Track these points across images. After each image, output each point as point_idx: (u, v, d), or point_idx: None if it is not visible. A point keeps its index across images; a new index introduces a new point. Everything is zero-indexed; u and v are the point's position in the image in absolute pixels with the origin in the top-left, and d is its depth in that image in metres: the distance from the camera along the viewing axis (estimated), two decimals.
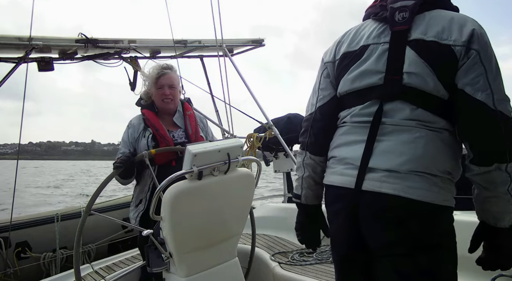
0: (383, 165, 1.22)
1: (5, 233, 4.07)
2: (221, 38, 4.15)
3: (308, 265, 2.53)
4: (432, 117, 1.20)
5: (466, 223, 1.97)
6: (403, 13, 1.25)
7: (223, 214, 1.97)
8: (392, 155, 1.21)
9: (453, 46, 1.16)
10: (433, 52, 1.19)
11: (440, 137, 1.20)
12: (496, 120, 1.14)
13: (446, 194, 1.21)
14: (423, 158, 1.19)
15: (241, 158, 1.94)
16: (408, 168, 1.19)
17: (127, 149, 2.33)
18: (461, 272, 1.96)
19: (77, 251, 1.96)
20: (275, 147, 4.55)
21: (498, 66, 1.18)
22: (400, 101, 1.23)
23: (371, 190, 1.22)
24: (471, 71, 1.15)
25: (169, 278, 1.91)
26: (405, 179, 1.19)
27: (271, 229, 3.28)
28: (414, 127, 1.21)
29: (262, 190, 13.89)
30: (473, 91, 1.15)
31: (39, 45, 3.70)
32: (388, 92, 1.24)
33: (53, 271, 4.25)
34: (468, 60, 1.16)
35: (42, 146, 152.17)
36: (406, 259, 1.20)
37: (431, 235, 1.21)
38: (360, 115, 1.30)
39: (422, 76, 1.19)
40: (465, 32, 1.17)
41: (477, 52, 1.15)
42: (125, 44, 4.22)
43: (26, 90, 3.84)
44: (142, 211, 2.30)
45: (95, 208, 3.68)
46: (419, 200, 1.17)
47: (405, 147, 1.20)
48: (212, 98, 4.88)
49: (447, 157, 1.21)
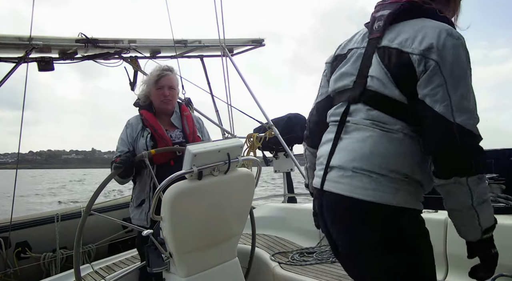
0: (336, 162, 1.27)
1: (5, 233, 4.07)
2: (223, 38, 4.15)
3: (308, 265, 2.53)
4: (387, 118, 1.22)
5: None
6: (380, 21, 1.30)
7: (223, 214, 1.97)
8: (345, 152, 1.26)
9: (411, 54, 1.18)
10: (393, 58, 1.21)
11: (393, 138, 1.20)
12: (453, 133, 1.11)
13: (399, 195, 1.18)
14: (371, 157, 1.21)
15: (241, 158, 1.94)
16: (354, 166, 1.22)
17: (126, 147, 2.34)
18: (463, 272, 1.96)
19: (77, 251, 1.96)
20: (275, 147, 4.54)
21: (465, 77, 1.15)
22: (362, 103, 1.27)
23: (328, 190, 1.27)
24: (430, 82, 1.14)
25: (169, 278, 1.91)
26: (352, 178, 1.21)
27: (271, 229, 3.28)
28: (368, 126, 1.24)
29: (262, 190, 13.89)
30: (432, 103, 1.14)
31: (39, 45, 3.70)
32: (354, 94, 1.30)
33: (53, 271, 4.25)
34: (428, 71, 1.15)
35: (43, 155, 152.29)
36: (353, 259, 1.28)
37: (372, 236, 1.20)
38: (334, 115, 1.37)
39: (382, 80, 1.23)
40: (426, 41, 1.17)
41: (436, 63, 1.14)
42: (125, 44, 4.22)
43: (25, 99, 3.84)
44: (149, 211, 2.29)
45: (95, 208, 3.67)
46: (362, 199, 1.18)
47: (355, 145, 1.24)
48: (212, 98, 4.88)
49: (403, 159, 1.20)
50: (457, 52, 1.15)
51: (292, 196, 4.67)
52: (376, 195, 1.17)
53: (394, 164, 1.19)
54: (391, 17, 1.27)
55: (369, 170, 1.19)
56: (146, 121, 2.40)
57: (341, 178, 1.23)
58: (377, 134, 1.22)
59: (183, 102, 4.34)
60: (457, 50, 1.16)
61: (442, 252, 2.05)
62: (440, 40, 1.15)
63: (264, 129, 4.27)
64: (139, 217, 2.34)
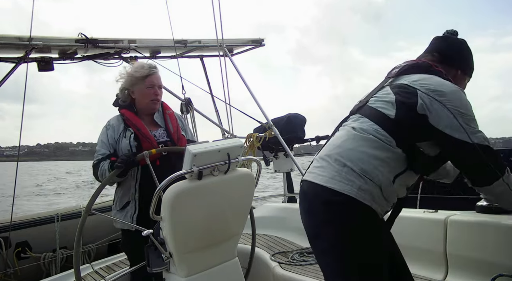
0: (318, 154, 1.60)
1: (5, 233, 4.07)
2: (221, 38, 4.14)
3: (308, 265, 2.53)
4: (366, 125, 1.52)
5: (467, 223, 1.97)
6: (396, 69, 1.68)
7: (223, 214, 1.97)
8: (328, 146, 1.58)
9: (418, 90, 1.51)
10: (401, 89, 1.55)
11: (363, 138, 1.49)
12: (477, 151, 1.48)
13: (351, 186, 1.42)
14: (338, 148, 1.52)
15: (241, 158, 1.94)
16: (324, 154, 1.54)
17: (107, 150, 2.30)
18: (463, 272, 1.97)
19: (77, 251, 1.96)
20: (275, 147, 4.54)
21: (468, 109, 1.51)
22: (357, 114, 1.62)
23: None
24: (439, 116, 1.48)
25: (169, 278, 1.91)
26: (318, 167, 1.52)
27: (271, 229, 3.28)
28: (348, 128, 1.58)
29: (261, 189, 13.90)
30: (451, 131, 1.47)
31: (39, 45, 3.70)
32: (355, 108, 1.66)
33: (53, 271, 4.24)
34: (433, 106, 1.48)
35: (50, 148, 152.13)
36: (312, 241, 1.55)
37: (319, 217, 1.49)
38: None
39: (382, 100, 1.57)
40: (433, 86, 1.51)
41: (440, 102, 1.48)
42: (125, 44, 4.21)
43: (31, 92, 3.85)
44: (135, 213, 2.27)
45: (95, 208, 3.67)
46: (320, 183, 1.47)
47: (333, 140, 1.58)
48: (212, 98, 4.88)
49: (366, 158, 1.45)
50: (458, 94, 1.51)
51: (292, 196, 4.67)
52: (329, 181, 1.45)
53: (358, 160, 1.45)
54: (407, 67, 1.64)
55: (335, 158, 1.49)
56: (128, 120, 2.34)
57: (313, 167, 1.56)
58: (351, 134, 1.55)
59: (183, 102, 4.36)
60: (457, 94, 1.51)
61: (442, 252, 2.05)
62: (443, 87, 1.51)
63: (264, 129, 4.27)
64: (123, 220, 2.27)
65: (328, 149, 1.56)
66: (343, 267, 1.44)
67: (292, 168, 4.60)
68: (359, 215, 1.43)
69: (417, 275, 1.62)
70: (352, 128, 1.55)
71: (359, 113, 1.60)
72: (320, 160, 1.54)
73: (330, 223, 1.45)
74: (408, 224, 2.10)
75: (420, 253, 2.07)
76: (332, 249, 1.45)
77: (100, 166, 2.26)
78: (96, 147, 2.36)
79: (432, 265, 2.08)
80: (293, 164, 4.45)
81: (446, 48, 1.70)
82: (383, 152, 1.46)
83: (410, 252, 1.62)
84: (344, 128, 1.60)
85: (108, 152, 2.29)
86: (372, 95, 1.63)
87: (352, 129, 1.55)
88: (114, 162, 2.17)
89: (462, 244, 1.97)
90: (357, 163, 1.45)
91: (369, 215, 1.44)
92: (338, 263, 1.45)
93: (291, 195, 4.67)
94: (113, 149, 2.31)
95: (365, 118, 1.55)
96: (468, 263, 1.94)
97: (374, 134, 1.48)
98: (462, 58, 1.72)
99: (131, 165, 2.12)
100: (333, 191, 1.43)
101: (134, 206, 2.28)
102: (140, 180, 2.28)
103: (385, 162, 1.45)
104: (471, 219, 1.97)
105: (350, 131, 1.55)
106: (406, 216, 1.76)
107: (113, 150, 2.30)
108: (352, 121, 1.60)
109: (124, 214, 2.30)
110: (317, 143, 4.48)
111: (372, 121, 1.52)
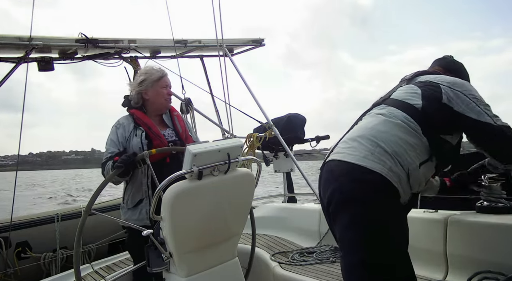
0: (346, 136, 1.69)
1: (5, 233, 4.07)
2: (221, 38, 4.14)
3: (308, 265, 2.53)
4: (396, 112, 1.61)
5: (467, 223, 1.97)
6: (410, 74, 1.86)
7: (223, 214, 1.97)
8: (358, 129, 1.65)
9: (441, 84, 1.67)
10: (425, 83, 1.71)
11: (394, 124, 1.58)
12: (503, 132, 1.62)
13: (382, 165, 1.48)
14: (371, 130, 1.59)
15: (241, 158, 1.94)
16: (355, 135, 1.60)
17: (116, 148, 2.32)
18: (463, 272, 1.96)
19: (77, 251, 1.96)
20: (275, 147, 4.54)
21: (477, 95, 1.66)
22: (382, 104, 1.72)
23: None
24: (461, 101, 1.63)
25: (169, 278, 1.91)
26: (348, 147, 1.58)
27: (271, 229, 3.28)
28: (376, 114, 1.67)
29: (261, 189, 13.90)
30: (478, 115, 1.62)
31: (39, 45, 3.69)
32: (380, 100, 1.78)
33: (53, 271, 4.24)
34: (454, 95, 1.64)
35: (43, 156, 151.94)
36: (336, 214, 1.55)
37: (352, 192, 1.49)
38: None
39: (406, 92, 1.70)
40: (448, 79, 1.70)
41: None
42: (125, 44, 4.21)
43: (21, 101, 3.83)
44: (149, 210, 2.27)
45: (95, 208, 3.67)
46: (352, 162, 1.52)
47: (363, 124, 1.67)
48: (212, 98, 4.87)
49: (398, 141, 1.53)
50: (471, 86, 1.68)
51: (292, 196, 4.67)
52: (362, 160, 1.50)
53: (390, 142, 1.52)
54: (420, 72, 1.82)
55: (367, 138, 1.56)
56: (138, 120, 2.39)
57: (340, 148, 1.65)
58: (380, 119, 1.64)
59: (183, 102, 4.35)
60: (470, 86, 1.68)
61: (442, 252, 2.05)
62: (458, 80, 1.68)
63: (264, 129, 4.26)
64: (138, 217, 2.31)
65: (359, 131, 1.62)
66: (366, 242, 1.45)
67: (292, 168, 4.60)
68: (388, 194, 1.48)
69: (417, 275, 1.61)
70: (382, 114, 1.64)
71: (384, 104, 1.70)
72: (350, 141, 1.60)
73: (358, 200, 1.47)
74: (408, 224, 2.09)
75: (420, 253, 2.07)
76: (354, 226, 1.47)
77: (106, 165, 2.29)
78: (105, 146, 2.38)
79: (432, 265, 2.08)
80: (293, 164, 4.45)
81: (446, 64, 1.93)
82: (412, 137, 1.55)
83: (410, 252, 1.61)
84: (372, 115, 1.69)
85: (118, 150, 2.32)
86: (393, 92, 1.76)
87: (381, 115, 1.63)
88: (116, 162, 2.17)
89: (462, 244, 1.97)
90: (390, 144, 1.52)
91: (395, 197, 1.50)
92: (359, 239, 1.47)
93: (291, 195, 4.67)
94: (123, 147, 2.33)
95: (392, 107, 1.65)
96: (468, 263, 1.94)
97: (404, 120, 1.58)
98: (462, 73, 1.88)
99: (131, 165, 2.12)
100: (366, 169, 1.48)
101: (148, 202, 2.29)
102: (152, 177, 2.28)
103: (413, 148, 1.54)
104: (471, 219, 1.97)
105: (380, 117, 1.63)
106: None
107: (123, 148, 2.33)
108: (378, 109, 1.69)
109: (138, 212, 2.32)
110: (317, 143, 4.49)
111: (400, 110, 1.61)
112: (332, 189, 1.55)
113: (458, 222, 1.99)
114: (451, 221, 2.01)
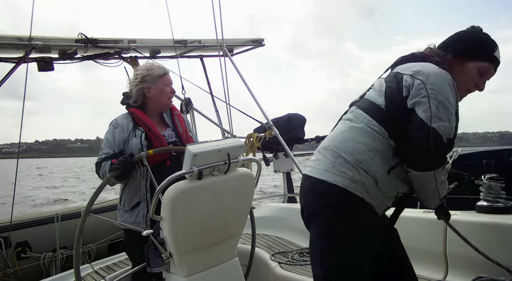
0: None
1: (5, 233, 4.07)
2: (221, 38, 4.14)
3: (308, 265, 2.52)
4: (360, 116, 1.54)
5: (467, 223, 1.97)
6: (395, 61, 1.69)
7: (223, 214, 1.97)
8: (327, 139, 1.61)
9: (405, 75, 1.53)
10: (391, 78, 1.57)
11: (359, 129, 1.50)
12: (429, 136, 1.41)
13: (343, 177, 1.44)
14: (335, 140, 1.54)
15: (241, 158, 1.94)
16: (323, 146, 1.57)
17: (112, 150, 2.25)
18: (463, 272, 1.97)
19: (77, 251, 1.96)
20: (275, 147, 4.55)
21: (446, 97, 1.45)
22: (353, 106, 1.64)
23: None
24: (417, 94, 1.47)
25: (169, 278, 1.91)
26: (315, 160, 1.56)
27: (271, 229, 3.28)
28: (344, 120, 1.61)
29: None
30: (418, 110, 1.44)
31: (39, 45, 3.70)
32: (353, 102, 1.69)
33: (53, 271, 4.25)
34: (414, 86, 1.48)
35: (48, 144, 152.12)
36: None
37: (316, 208, 1.51)
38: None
39: (374, 90, 1.59)
40: (416, 68, 1.52)
41: (421, 81, 1.46)
42: (125, 44, 4.22)
43: (27, 89, 3.85)
44: (148, 213, 2.21)
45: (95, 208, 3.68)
46: (315, 177, 1.51)
47: (333, 132, 1.61)
48: (212, 98, 4.88)
49: (362, 148, 1.46)
50: (442, 79, 1.47)
51: (292, 196, 4.67)
52: (325, 175, 1.48)
53: (353, 151, 1.47)
54: (402, 58, 1.66)
55: (331, 150, 1.52)
56: (138, 119, 2.30)
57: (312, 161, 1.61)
58: (348, 126, 1.56)
59: (183, 102, 4.36)
60: (441, 78, 1.47)
61: (442, 252, 2.05)
62: (428, 69, 1.49)
63: (264, 129, 4.27)
64: (134, 220, 2.24)
65: (326, 142, 1.59)
66: (326, 257, 1.48)
67: (292, 168, 4.60)
68: (351, 207, 1.44)
69: (417, 275, 1.62)
70: (349, 120, 1.58)
71: (355, 105, 1.63)
72: (317, 153, 1.59)
73: (321, 215, 1.49)
74: (408, 224, 2.09)
75: (420, 253, 2.07)
76: (319, 239, 1.51)
77: (102, 166, 2.23)
78: (102, 145, 2.32)
79: (432, 265, 2.08)
80: (293, 164, 4.46)
81: (450, 39, 1.66)
82: (378, 142, 1.46)
83: (410, 252, 1.62)
84: (342, 121, 1.64)
85: (112, 152, 2.24)
86: (370, 88, 1.67)
87: (348, 121, 1.58)
88: (113, 164, 2.14)
89: (462, 244, 1.97)
90: (352, 153, 1.46)
91: (361, 208, 1.45)
92: (321, 253, 1.50)
93: (291, 195, 4.68)
94: (118, 149, 2.26)
95: (359, 109, 1.58)
96: (468, 263, 1.94)
97: (369, 124, 1.50)
98: (468, 46, 1.61)
99: (129, 167, 2.08)
100: (326, 183, 1.46)
101: (146, 206, 2.24)
102: (150, 179, 2.24)
103: (380, 153, 1.46)
104: (471, 219, 1.97)
105: (347, 123, 1.58)
106: (406, 216, 1.76)
107: (118, 150, 2.26)
108: (348, 113, 1.64)
109: (135, 214, 2.26)
110: (317, 143, 4.49)
111: (366, 113, 1.54)
112: (303, 204, 1.59)
113: (458, 222, 1.99)
114: (451, 221, 2.01)
